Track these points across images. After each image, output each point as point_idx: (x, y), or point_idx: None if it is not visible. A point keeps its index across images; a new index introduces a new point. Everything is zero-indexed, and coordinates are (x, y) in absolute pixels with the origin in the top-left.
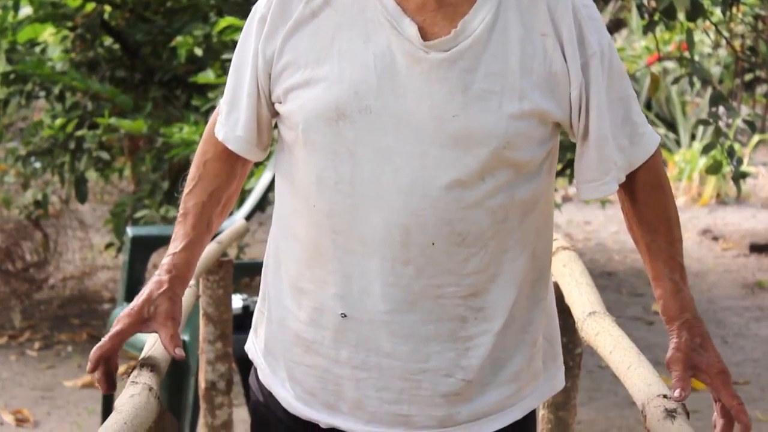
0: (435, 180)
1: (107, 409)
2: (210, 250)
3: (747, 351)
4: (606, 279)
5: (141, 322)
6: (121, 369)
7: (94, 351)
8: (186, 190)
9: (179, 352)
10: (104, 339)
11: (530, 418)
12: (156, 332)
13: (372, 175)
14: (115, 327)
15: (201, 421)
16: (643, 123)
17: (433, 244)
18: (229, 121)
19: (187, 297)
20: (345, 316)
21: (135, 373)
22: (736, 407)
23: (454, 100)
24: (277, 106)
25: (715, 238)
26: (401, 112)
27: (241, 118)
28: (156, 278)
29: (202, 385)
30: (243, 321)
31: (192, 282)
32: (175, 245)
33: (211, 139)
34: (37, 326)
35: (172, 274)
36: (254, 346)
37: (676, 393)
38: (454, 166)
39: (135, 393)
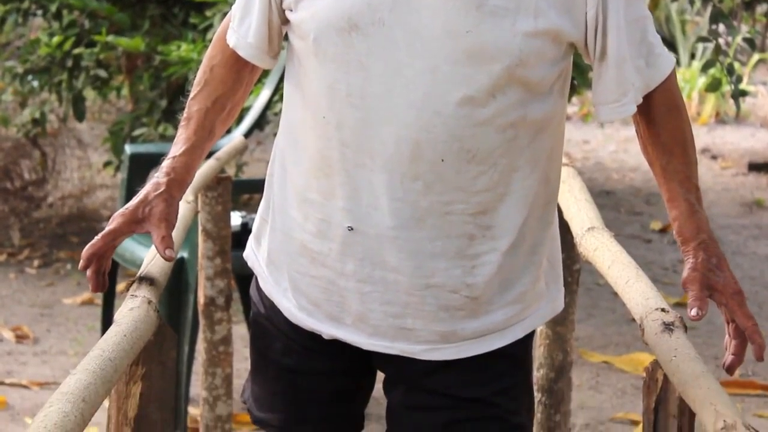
0: (446, 96)
1: (106, 326)
2: (208, 166)
3: (745, 269)
4: (604, 198)
5: (135, 222)
6: (121, 286)
7: (87, 249)
8: (191, 94)
9: (169, 253)
10: (97, 237)
11: (530, 337)
12: (149, 232)
13: (383, 89)
14: (109, 226)
15: (200, 336)
16: (659, 44)
17: (442, 160)
18: (242, 28)
19: (185, 213)
20: (352, 229)
21: (134, 287)
22: (750, 327)
23: (468, 16)
24: (288, 14)
25: (714, 157)
26: (414, 26)
27: (253, 24)
28: (154, 180)
29: (201, 301)
30: (241, 238)
31: (190, 198)
32: (176, 149)
33: (221, 44)
34: (36, 244)
35: (171, 177)
36: (255, 255)
37: (693, 312)
38: (466, 83)
39: (134, 306)
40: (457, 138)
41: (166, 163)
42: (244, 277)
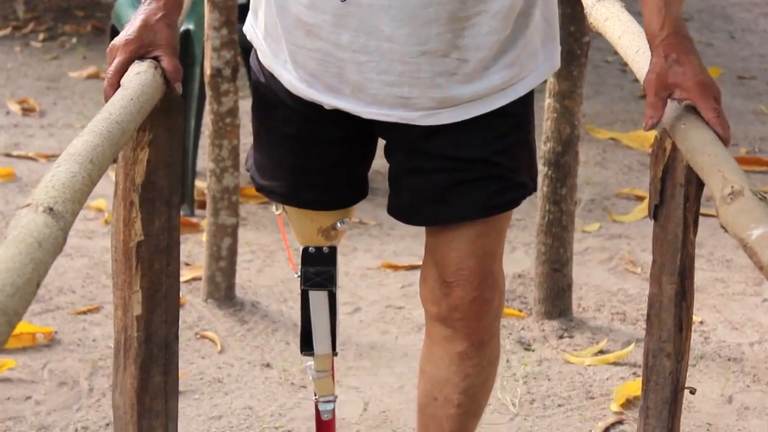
0: None
1: None
2: None
3: (754, 46)
4: None
5: (141, 47)
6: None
7: (106, 87)
8: None
9: (179, 87)
10: (110, 73)
11: (530, 96)
12: (157, 59)
13: None
14: (118, 58)
15: (207, 108)
16: None
17: None
18: None
19: None
20: (344, 0)
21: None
22: (712, 120)
23: None
24: None
25: None
26: None
27: None
28: (149, 5)
29: (207, 72)
30: (247, 11)
31: None
32: None
33: None
34: (41, 18)
35: None
36: (254, 29)
37: (646, 122)
38: None
39: (140, 71)
40: None
41: None
42: (250, 51)
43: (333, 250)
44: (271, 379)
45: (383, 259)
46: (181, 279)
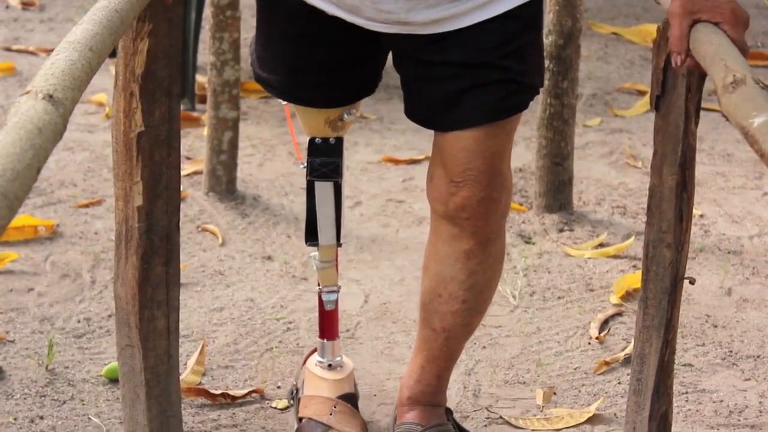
0: None
1: None
2: None
3: None
4: None
5: None
6: None
7: None
8: None
9: None
10: None
11: None
12: None
13: None
14: None
15: (207, 1)
16: None
17: None
18: None
19: None
20: None
21: None
22: (742, 48)
23: None
24: None
25: None
26: None
27: None
28: None
29: None
30: None
31: None
32: None
33: None
34: None
35: None
36: None
37: (674, 60)
38: None
39: None
40: None
41: None
42: None
43: (339, 140)
44: (273, 272)
45: (384, 153)
46: (183, 173)
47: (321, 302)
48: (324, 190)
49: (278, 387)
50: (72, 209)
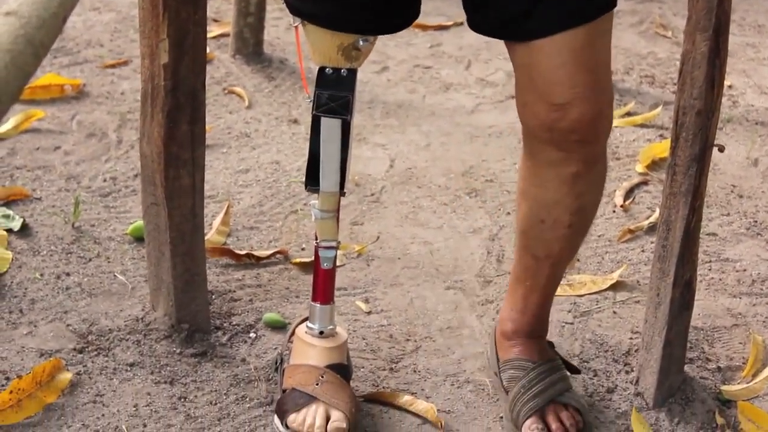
0: None
1: None
2: None
3: None
4: None
5: None
6: None
7: None
8: None
9: None
10: None
11: None
12: None
13: None
14: None
15: None
16: None
17: None
18: None
19: None
20: None
21: None
22: None
23: None
24: None
25: None
26: None
27: None
28: None
29: None
30: None
31: None
32: None
33: None
34: None
35: None
36: None
37: None
38: None
39: None
40: None
41: None
42: None
43: (352, 73)
44: (298, 135)
45: None
46: (210, 35)
47: (317, 259)
48: (330, 127)
49: (302, 249)
50: (98, 69)
